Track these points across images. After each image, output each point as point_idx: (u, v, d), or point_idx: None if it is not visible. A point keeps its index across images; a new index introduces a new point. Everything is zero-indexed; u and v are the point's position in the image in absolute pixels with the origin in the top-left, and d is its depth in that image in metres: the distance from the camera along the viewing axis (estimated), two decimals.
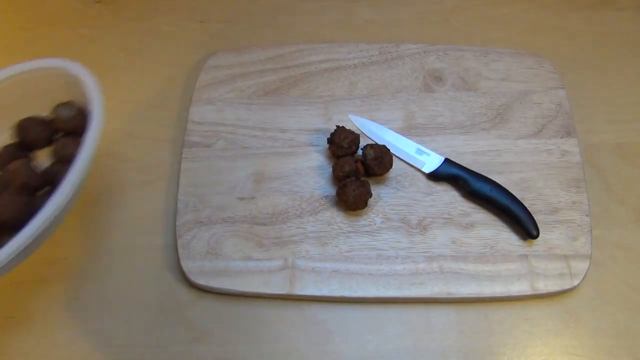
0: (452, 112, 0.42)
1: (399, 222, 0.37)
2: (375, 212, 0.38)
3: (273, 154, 0.40)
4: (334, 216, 0.38)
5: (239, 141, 0.41)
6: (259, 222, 0.38)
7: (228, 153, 0.41)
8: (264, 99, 0.43)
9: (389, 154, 0.38)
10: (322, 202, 0.38)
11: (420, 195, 0.39)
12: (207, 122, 0.42)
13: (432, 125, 0.42)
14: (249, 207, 0.38)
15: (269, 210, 0.38)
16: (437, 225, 0.37)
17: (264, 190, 0.39)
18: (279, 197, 0.39)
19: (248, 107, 0.43)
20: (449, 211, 0.38)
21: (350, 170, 0.37)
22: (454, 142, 0.41)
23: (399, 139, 0.40)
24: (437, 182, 0.39)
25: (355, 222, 0.38)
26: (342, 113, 0.42)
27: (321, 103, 0.43)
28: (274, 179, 0.39)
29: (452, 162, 0.39)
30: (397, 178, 0.39)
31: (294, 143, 0.41)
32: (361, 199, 0.36)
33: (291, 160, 0.40)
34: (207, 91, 0.44)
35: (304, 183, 0.39)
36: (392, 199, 0.38)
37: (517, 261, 0.35)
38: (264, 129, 0.42)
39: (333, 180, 0.39)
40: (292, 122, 0.42)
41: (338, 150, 0.38)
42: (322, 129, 0.41)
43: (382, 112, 0.42)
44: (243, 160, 0.40)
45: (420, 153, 0.39)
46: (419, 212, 0.38)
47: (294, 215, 0.38)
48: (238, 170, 0.40)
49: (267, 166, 0.40)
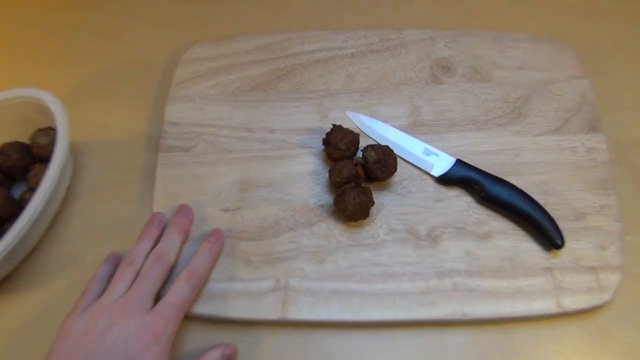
0: (464, 106, 0.42)
1: (405, 234, 0.37)
2: (379, 223, 0.37)
3: (261, 158, 0.40)
4: (332, 228, 0.37)
5: (222, 144, 0.40)
6: (246, 237, 0.37)
7: (209, 158, 0.40)
8: (249, 95, 0.43)
9: (393, 155, 0.37)
10: (318, 212, 0.38)
11: (429, 202, 0.38)
12: (186, 123, 0.42)
13: (441, 122, 0.41)
14: (234, 219, 0.38)
15: (257, 222, 0.38)
16: (449, 236, 0.37)
17: (250, 200, 0.38)
18: (268, 208, 0.38)
19: (232, 105, 0.42)
20: (462, 220, 0.37)
21: (349, 176, 0.36)
22: (466, 140, 0.40)
23: (404, 138, 0.39)
24: (448, 187, 0.39)
25: (356, 235, 0.37)
26: (339, 110, 0.42)
27: (315, 99, 0.42)
28: (262, 187, 0.39)
29: (465, 164, 0.38)
30: (403, 183, 0.39)
31: (284, 145, 0.40)
32: (362, 208, 0.35)
33: (281, 165, 0.40)
34: (185, 87, 0.43)
35: (297, 191, 0.39)
36: (397, 207, 0.38)
37: (541, 275, 0.35)
38: (250, 130, 0.41)
39: (330, 187, 0.39)
40: (282, 121, 0.41)
41: (335, 153, 0.38)
42: (317, 128, 0.41)
43: (384, 107, 0.42)
44: (227, 165, 0.40)
45: (428, 154, 0.38)
46: (428, 221, 0.37)
47: (286, 228, 0.37)
48: (221, 178, 0.39)
49: (254, 172, 0.39)
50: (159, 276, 0.32)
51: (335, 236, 0.37)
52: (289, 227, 0.37)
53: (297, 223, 0.38)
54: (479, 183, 0.37)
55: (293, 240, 0.37)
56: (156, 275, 0.32)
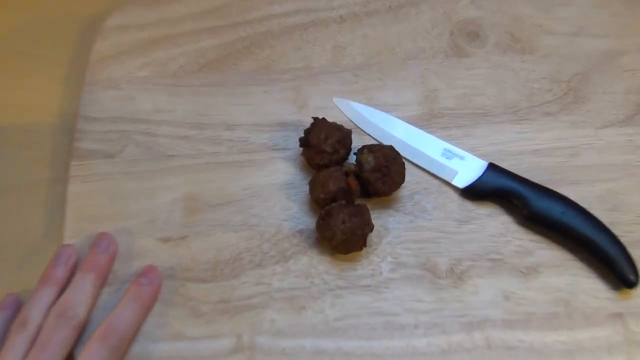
0: (498, 88, 0.42)
1: (418, 269, 0.37)
2: (380, 255, 0.38)
3: (215, 166, 0.40)
4: (315, 264, 0.37)
5: (160, 147, 0.41)
6: (194, 277, 0.37)
7: (142, 166, 0.40)
8: (198, 77, 0.43)
9: (400, 160, 0.37)
10: (295, 241, 0.38)
11: (451, 225, 0.38)
12: (109, 118, 0.42)
13: (467, 111, 0.41)
14: (178, 252, 0.38)
15: (210, 257, 0.38)
16: (480, 272, 0.37)
17: (201, 226, 0.38)
18: (226, 236, 0.38)
19: (173, 92, 0.42)
20: (498, 248, 0.37)
21: (338, 189, 0.36)
22: (501, 136, 0.40)
23: (415, 135, 0.39)
24: (477, 202, 0.39)
25: (348, 273, 0.37)
26: (323, 96, 0.42)
27: (290, 81, 0.42)
28: (217, 207, 0.39)
29: (500, 169, 0.38)
30: (414, 198, 0.39)
31: (247, 147, 0.40)
32: (356, 235, 0.35)
33: (244, 176, 0.40)
34: (107, 67, 0.43)
35: (266, 211, 0.39)
36: (406, 233, 0.38)
37: (608, 323, 0.35)
38: (200, 126, 0.41)
39: (311, 206, 0.39)
40: (244, 112, 0.42)
41: (317, 157, 0.38)
42: (292, 122, 0.41)
43: (386, 92, 0.42)
44: (167, 177, 0.40)
45: (449, 156, 0.39)
46: (450, 251, 0.37)
47: (251, 264, 0.37)
48: (159, 194, 0.39)
49: (206, 186, 0.39)
50: (65, 341, 0.32)
51: (320, 274, 0.37)
52: (254, 262, 0.37)
53: (266, 257, 0.38)
54: (521, 196, 0.37)
55: (261, 281, 0.37)
56: (61, 339, 0.31)
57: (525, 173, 0.39)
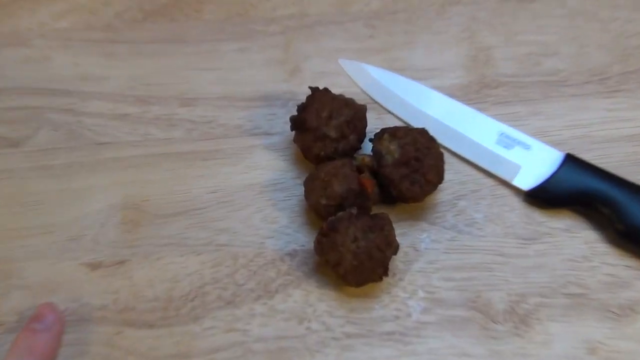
0: (578, 47, 0.42)
1: (463, 310, 0.37)
2: (409, 289, 0.37)
3: (166, 159, 0.40)
4: (313, 301, 0.37)
5: (87, 130, 0.41)
6: (138, 321, 0.37)
7: (61, 159, 0.40)
8: (143, 29, 0.43)
9: (435, 149, 0.37)
10: (284, 268, 0.38)
11: (511, 245, 0.38)
12: (13, 89, 0.42)
13: (533, 79, 0.41)
14: (114, 284, 0.38)
15: (160, 290, 0.37)
16: (553, 313, 0.36)
17: (146, 245, 0.38)
18: (183, 260, 0.38)
19: (106, 51, 0.43)
20: (579, 278, 0.37)
21: (347, 192, 0.36)
22: (583, 114, 0.40)
23: (459, 113, 0.40)
24: (549, 211, 0.39)
25: (361, 314, 0.37)
26: (325, 56, 0.42)
27: (276, 34, 0.43)
28: (170, 218, 0.39)
29: (582, 164, 0.39)
30: (457, 205, 0.39)
31: (213, 131, 0.40)
32: (373, 259, 0.35)
33: (209, 172, 0.40)
34: (10, 16, 0.44)
35: (240, 224, 0.39)
36: (445, 256, 0.38)
37: None
38: (145, 101, 0.41)
39: (307, 216, 0.39)
40: (209, 81, 0.42)
41: (317, 146, 0.38)
42: (280, 94, 0.41)
43: (416, 51, 0.42)
44: (97, 174, 0.40)
45: (508, 145, 0.39)
46: (511, 283, 0.37)
47: (220, 302, 0.37)
48: (85, 200, 0.39)
49: (154, 187, 0.39)
50: None
51: (320, 317, 0.36)
52: (224, 299, 0.37)
53: (241, 291, 0.37)
54: (612, 203, 0.37)
55: (233, 327, 0.36)
56: None
57: (618, 169, 0.39)
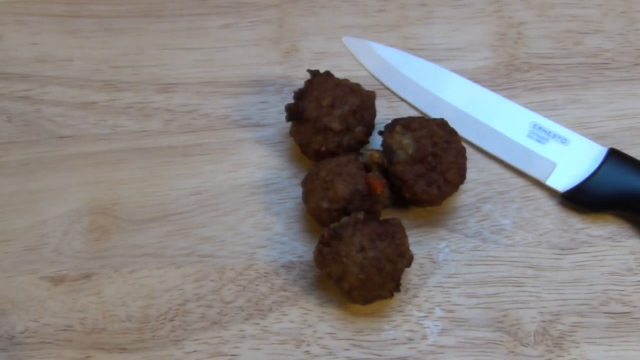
0: (626, 22, 0.42)
1: (489, 331, 0.36)
2: (425, 307, 0.37)
3: (139, 155, 0.40)
4: (312, 320, 0.37)
5: (47, 121, 0.41)
6: (108, 344, 0.36)
7: (15, 155, 0.41)
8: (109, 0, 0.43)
9: (456, 144, 0.37)
10: (279, 282, 0.37)
11: (544, 255, 0.38)
12: None
13: (573, 60, 0.41)
14: (80, 301, 0.37)
15: (134, 309, 0.37)
16: (592, 335, 0.36)
17: (117, 256, 0.38)
18: (161, 274, 0.37)
19: (69, 27, 0.43)
20: (624, 294, 0.37)
21: (352, 194, 0.35)
22: (631, 103, 0.40)
23: (485, 101, 0.40)
24: (589, 216, 0.38)
25: (369, 336, 0.36)
26: (326, 34, 0.42)
27: (268, 7, 0.43)
28: (144, 224, 0.39)
29: (629, 160, 0.38)
30: (482, 209, 0.39)
31: (195, 122, 0.41)
32: (383, 273, 0.34)
33: (190, 170, 0.40)
34: None
35: (227, 232, 0.39)
36: (468, 269, 0.38)
37: None
38: (114, 86, 0.41)
39: (305, 222, 0.39)
40: (190, 63, 0.42)
41: (317, 139, 0.37)
42: (273, 79, 0.42)
43: (435, 27, 0.42)
44: (58, 172, 0.40)
45: (542, 138, 0.39)
46: (543, 300, 0.37)
47: (204, 322, 0.36)
48: (45, 203, 0.39)
49: (125, 188, 0.39)
50: None
51: (321, 339, 0.36)
52: (209, 318, 0.36)
53: (228, 309, 0.36)
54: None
55: (220, 351, 0.36)
56: None
57: None
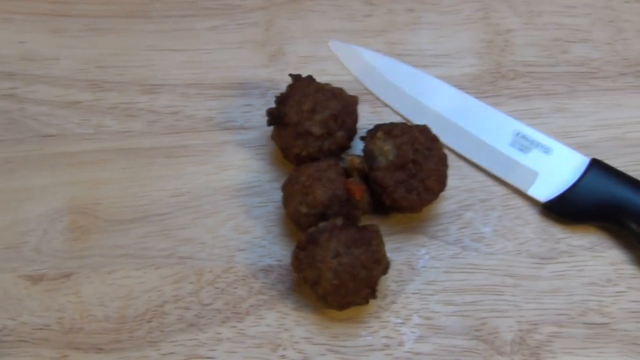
0: (613, 32, 0.42)
1: (465, 339, 0.36)
2: (402, 313, 0.37)
3: (122, 155, 0.40)
4: (288, 325, 0.37)
5: (31, 120, 0.41)
6: (86, 344, 0.36)
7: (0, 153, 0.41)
8: (97, 0, 0.43)
9: (438, 150, 0.37)
10: (257, 286, 0.37)
11: (524, 264, 0.38)
12: None
13: (559, 68, 0.41)
14: (58, 301, 0.37)
15: (112, 309, 0.37)
16: (570, 345, 0.36)
17: (96, 256, 0.38)
18: (139, 275, 0.38)
19: (55, 26, 0.43)
20: (602, 305, 0.37)
21: (331, 199, 0.36)
22: (617, 112, 0.40)
23: (469, 108, 0.40)
24: (569, 225, 0.39)
25: (345, 341, 0.36)
26: (313, 38, 0.43)
27: (255, 10, 0.43)
28: (125, 225, 0.39)
29: (610, 171, 0.38)
30: (462, 217, 0.39)
31: (179, 124, 0.41)
32: (358, 279, 0.34)
33: (172, 172, 0.40)
34: None
35: (207, 235, 0.39)
36: (446, 276, 0.38)
37: None
38: (100, 86, 0.41)
39: (285, 226, 0.39)
40: (176, 64, 0.42)
41: (298, 144, 0.37)
42: (258, 82, 0.42)
43: (419, 33, 0.42)
44: (40, 171, 0.40)
45: (525, 147, 0.39)
46: (522, 309, 0.37)
47: (181, 324, 0.37)
48: (26, 202, 0.39)
49: (106, 188, 0.40)
50: None
51: (297, 343, 0.36)
52: (187, 320, 0.36)
53: (206, 311, 0.37)
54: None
55: (195, 354, 0.36)
56: None
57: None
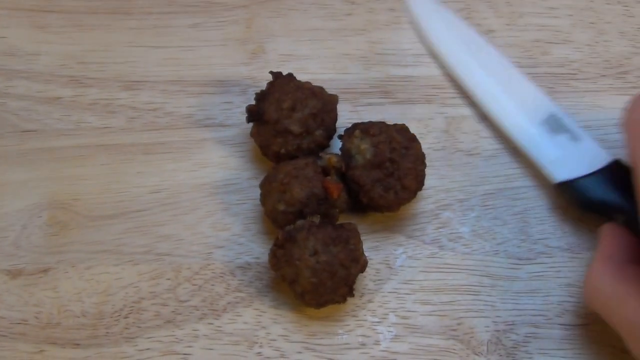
0: (594, 34, 0.42)
1: (441, 338, 0.36)
2: (378, 312, 0.37)
3: (102, 151, 0.40)
4: (265, 322, 0.37)
5: (11, 115, 0.41)
6: (63, 339, 0.36)
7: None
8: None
9: (416, 150, 0.37)
10: (234, 283, 0.37)
11: (501, 265, 0.37)
12: None
13: (539, 69, 0.41)
14: (36, 295, 0.37)
15: (89, 304, 0.37)
16: (545, 346, 0.36)
17: (74, 252, 0.38)
18: (117, 270, 0.38)
19: (36, 21, 0.43)
20: (580, 307, 0.36)
21: (309, 197, 0.36)
22: (597, 114, 0.40)
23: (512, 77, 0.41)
24: (548, 226, 0.38)
25: (321, 339, 0.36)
26: (294, 36, 0.43)
27: (237, 7, 0.43)
28: (103, 220, 0.39)
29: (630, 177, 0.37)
30: (440, 216, 0.39)
31: (159, 120, 0.41)
32: (336, 277, 0.34)
33: (151, 169, 0.40)
34: None
35: (185, 232, 0.39)
36: (423, 276, 0.38)
37: None
38: (80, 82, 0.42)
39: (264, 224, 0.39)
40: (157, 61, 0.42)
41: (277, 142, 0.37)
42: (239, 80, 0.42)
43: (401, 32, 0.42)
44: (20, 167, 0.40)
45: (554, 130, 0.39)
46: (498, 309, 0.36)
47: (158, 320, 0.37)
48: (5, 197, 0.39)
49: (85, 184, 0.40)
50: None
51: (274, 341, 0.36)
52: (163, 316, 0.37)
53: (183, 308, 0.37)
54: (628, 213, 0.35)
55: (171, 350, 0.36)
56: None
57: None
